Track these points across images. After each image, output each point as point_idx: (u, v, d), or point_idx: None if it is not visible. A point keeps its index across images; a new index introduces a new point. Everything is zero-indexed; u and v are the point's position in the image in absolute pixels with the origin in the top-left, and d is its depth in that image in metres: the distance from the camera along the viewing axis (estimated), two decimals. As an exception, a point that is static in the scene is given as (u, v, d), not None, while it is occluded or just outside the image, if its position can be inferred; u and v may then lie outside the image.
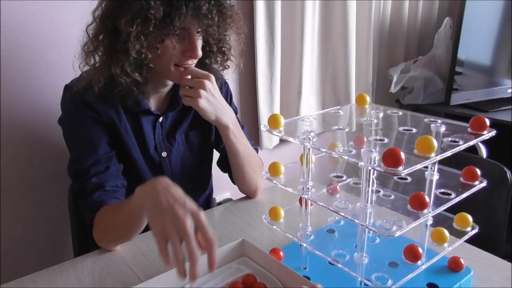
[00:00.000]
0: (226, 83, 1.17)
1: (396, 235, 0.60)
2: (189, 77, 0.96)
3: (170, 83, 1.04)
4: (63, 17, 1.24)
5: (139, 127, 1.02)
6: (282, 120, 0.75)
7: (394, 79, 2.08)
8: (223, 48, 1.03)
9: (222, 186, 1.61)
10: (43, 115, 1.27)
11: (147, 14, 0.83)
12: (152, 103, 1.04)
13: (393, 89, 2.09)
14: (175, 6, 0.84)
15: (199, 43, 0.93)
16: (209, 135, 1.14)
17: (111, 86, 0.92)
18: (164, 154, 1.06)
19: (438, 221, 0.79)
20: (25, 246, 1.33)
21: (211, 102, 0.97)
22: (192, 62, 0.95)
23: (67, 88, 0.97)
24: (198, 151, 1.13)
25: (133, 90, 0.94)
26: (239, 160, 1.08)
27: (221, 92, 1.11)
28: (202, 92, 0.95)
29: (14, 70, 1.19)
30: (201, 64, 1.02)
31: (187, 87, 0.96)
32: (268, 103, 1.80)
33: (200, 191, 1.18)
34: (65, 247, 1.40)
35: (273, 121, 0.75)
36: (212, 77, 0.97)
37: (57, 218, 1.36)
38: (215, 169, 1.21)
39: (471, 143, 0.67)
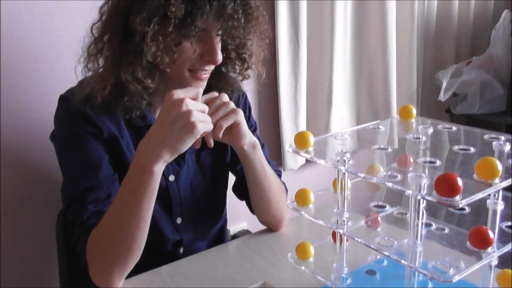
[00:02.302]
0: (244, 94, 1.18)
1: (454, 280, 0.59)
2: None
3: None
4: (54, 18, 1.28)
5: None
6: (311, 139, 0.75)
7: (444, 85, 2.07)
8: (244, 55, 1.03)
9: (238, 215, 1.60)
10: (30, 130, 1.29)
11: (166, 12, 0.84)
12: None
13: (442, 96, 2.07)
14: (198, 4, 0.85)
15: (219, 47, 0.94)
16: (224, 155, 1.14)
17: (118, 94, 0.93)
18: (171, 177, 1.07)
19: (504, 261, 0.76)
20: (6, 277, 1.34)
21: (243, 117, 0.97)
22: (209, 68, 0.96)
23: (63, 99, 0.98)
24: (211, 174, 1.13)
25: (142, 100, 0.94)
26: (263, 186, 1.07)
27: (239, 106, 1.12)
28: (236, 114, 0.94)
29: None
30: (215, 71, 1.03)
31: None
32: (292, 116, 1.80)
33: (213, 221, 1.18)
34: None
35: (301, 140, 0.75)
36: (224, 94, 0.95)
37: (42, 252, 1.38)
38: (229, 195, 1.20)
39: (544, 165, 0.66)
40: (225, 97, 0.94)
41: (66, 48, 1.29)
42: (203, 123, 0.83)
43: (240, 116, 0.95)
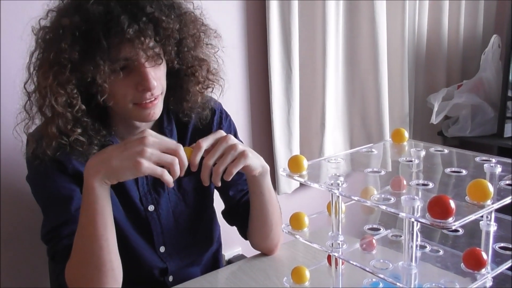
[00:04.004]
0: (227, 115, 1.16)
1: (448, 302, 0.59)
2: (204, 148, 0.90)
3: (143, 124, 1.01)
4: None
5: None
6: (305, 163, 0.76)
7: (435, 108, 2.09)
8: (193, 68, 1.00)
9: (232, 240, 1.59)
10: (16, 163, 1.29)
11: (60, 60, 0.83)
12: None
13: (434, 119, 2.09)
14: (93, 41, 0.83)
15: (156, 71, 0.91)
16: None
17: (63, 143, 0.91)
18: (150, 207, 1.05)
19: (499, 282, 0.76)
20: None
21: (253, 151, 0.95)
22: (153, 96, 0.92)
23: (29, 138, 0.97)
24: (194, 201, 1.11)
25: (87, 148, 0.92)
26: (268, 210, 1.06)
27: (213, 122, 1.10)
28: (245, 158, 0.91)
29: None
30: (179, 93, 1.01)
31: (211, 164, 0.90)
32: (285, 140, 1.81)
33: (203, 247, 1.16)
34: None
35: (294, 164, 0.75)
36: (230, 136, 0.91)
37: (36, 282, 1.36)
38: (223, 219, 1.20)
39: (535, 186, 0.67)
40: (232, 140, 0.91)
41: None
42: (151, 166, 0.81)
43: (249, 158, 0.92)
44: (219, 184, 0.91)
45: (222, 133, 0.92)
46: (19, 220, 1.33)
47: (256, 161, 0.95)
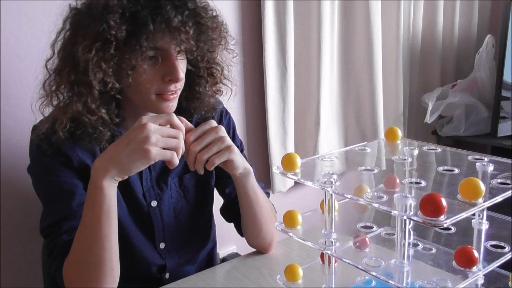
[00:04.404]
0: (227, 113, 1.18)
1: (440, 299, 0.59)
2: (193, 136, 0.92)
3: None
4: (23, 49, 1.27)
5: None
6: (299, 160, 0.76)
7: (430, 107, 2.10)
8: (211, 69, 1.03)
9: (226, 238, 1.60)
10: (12, 159, 1.29)
11: (107, 36, 0.84)
12: None
13: (428, 119, 2.10)
14: (140, 23, 0.85)
15: (181, 64, 0.93)
16: (208, 178, 1.14)
17: (80, 127, 0.92)
18: (153, 203, 1.06)
19: (491, 279, 0.77)
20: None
21: (237, 151, 0.96)
22: (176, 88, 0.94)
23: (33, 129, 0.98)
24: (195, 198, 1.12)
25: (102, 132, 0.93)
26: (255, 211, 1.07)
27: (221, 123, 1.12)
28: (230, 152, 0.93)
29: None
30: (190, 93, 1.03)
31: (197, 151, 0.91)
32: (280, 138, 1.82)
33: (200, 245, 1.17)
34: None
35: (288, 162, 0.76)
36: (220, 127, 0.93)
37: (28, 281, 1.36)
38: (218, 218, 1.20)
39: (526, 185, 0.67)
40: (222, 131, 0.93)
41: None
42: (159, 151, 0.82)
43: (234, 153, 0.94)
44: (202, 172, 0.93)
45: (213, 123, 0.93)
46: (19, 220, 1.32)
47: (239, 160, 0.97)
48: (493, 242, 0.71)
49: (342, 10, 1.92)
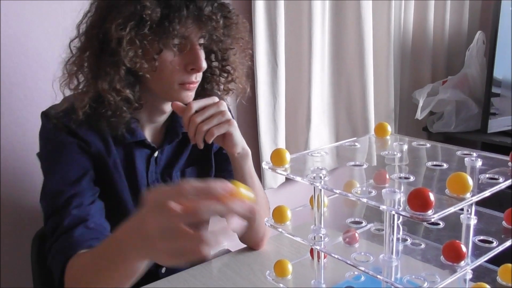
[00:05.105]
0: (229, 110, 1.19)
1: (428, 294, 0.59)
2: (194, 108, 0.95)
3: (168, 111, 1.04)
4: (38, 32, 1.27)
5: (131, 163, 1.02)
6: (288, 156, 0.76)
7: (420, 104, 2.11)
8: (227, 67, 1.04)
9: (218, 235, 1.59)
10: (12, 159, 1.28)
11: (142, 15, 0.85)
12: (147, 135, 1.04)
13: (419, 115, 2.11)
14: (174, 8, 0.86)
15: (202, 54, 0.95)
16: (208, 171, 1.14)
17: (99, 109, 0.92)
18: None
19: (479, 274, 0.77)
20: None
21: (237, 127, 0.99)
22: (196, 79, 0.96)
23: (45, 114, 0.98)
24: None
25: (124, 113, 0.93)
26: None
27: None
28: (230, 124, 0.96)
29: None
30: (200, 90, 1.03)
31: (198, 122, 0.94)
32: (271, 134, 1.82)
33: None
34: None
35: (277, 157, 0.75)
36: (222, 103, 0.97)
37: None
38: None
39: (514, 180, 0.67)
40: (223, 106, 0.96)
41: (42, 69, 1.29)
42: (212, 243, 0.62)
43: (233, 127, 0.98)
44: (201, 146, 0.95)
45: (215, 99, 0.97)
46: (19, 220, 1.32)
47: (239, 136, 1.00)
48: (482, 237, 0.72)
49: (333, 7, 1.92)
